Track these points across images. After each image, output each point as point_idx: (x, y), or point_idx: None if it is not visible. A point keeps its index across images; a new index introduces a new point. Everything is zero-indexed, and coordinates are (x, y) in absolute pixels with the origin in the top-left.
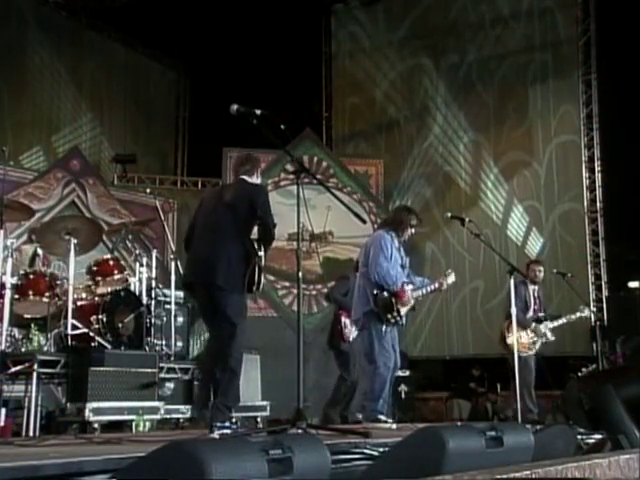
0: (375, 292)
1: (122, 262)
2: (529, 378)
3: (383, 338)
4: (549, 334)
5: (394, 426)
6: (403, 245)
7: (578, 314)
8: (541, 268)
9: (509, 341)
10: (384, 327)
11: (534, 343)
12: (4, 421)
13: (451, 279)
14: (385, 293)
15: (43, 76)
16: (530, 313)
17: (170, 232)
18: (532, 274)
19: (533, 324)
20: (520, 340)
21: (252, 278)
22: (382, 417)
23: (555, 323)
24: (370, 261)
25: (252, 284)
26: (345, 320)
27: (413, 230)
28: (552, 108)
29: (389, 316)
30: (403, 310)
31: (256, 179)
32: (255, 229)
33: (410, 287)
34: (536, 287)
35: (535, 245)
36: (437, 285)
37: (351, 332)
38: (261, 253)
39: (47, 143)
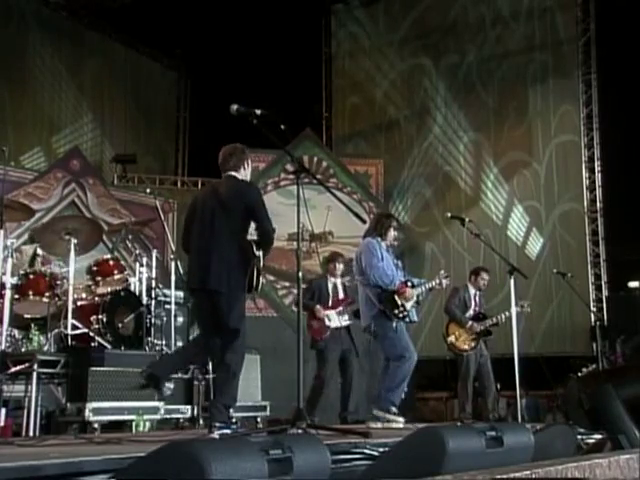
0: (379, 292)
1: (122, 262)
2: (468, 377)
3: (399, 334)
4: (486, 332)
5: (399, 419)
6: (391, 248)
7: (517, 309)
8: (486, 277)
9: (449, 340)
10: (394, 324)
11: (473, 340)
12: (4, 421)
13: (446, 281)
14: (386, 292)
15: (44, 76)
16: (470, 312)
17: (170, 232)
18: (481, 282)
19: (470, 322)
20: (460, 339)
21: (251, 280)
22: (394, 409)
23: (493, 320)
24: (364, 267)
25: (251, 286)
26: (312, 322)
27: (395, 232)
28: (552, 108)
29: (396, 312)
30: (408, 305)
31: (244, 172)
32: (252, 229)
33: (409, 284)
34: (478, 292)
35: (535, 245)
36: (434, 283)
37: (322, 330)
38: (259, 253)
39: (48, 143)
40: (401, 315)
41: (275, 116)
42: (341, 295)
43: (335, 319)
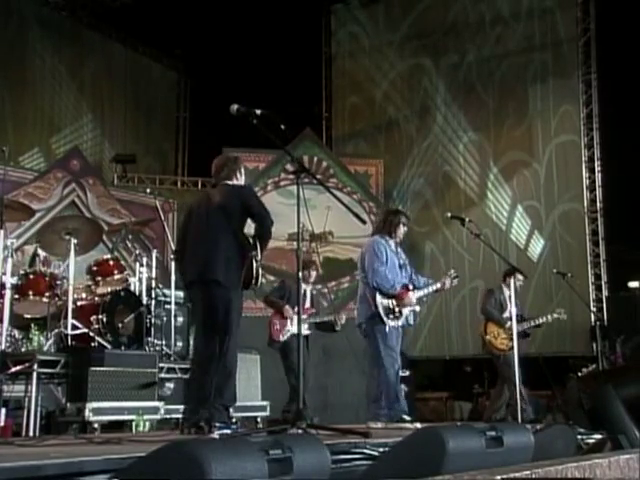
0: (375, 295)
1: (122, 262)
2: (513, 377)
3: (388, 339)
4: (524, 334)
5: (418, 425)
6: (400, 246)
7: (555, 315)
8: (521, 278)
9: (487, 339)
10: (387, 328)
11: (511, 341)
12: (4, 421)
13: (454, 282)
14: (385, 296)
15: (44, 76)
16: (507, 314)
17: (170, 232)
18: (517, 284)
19: (508, 323)
20: (498, 338)
21: (249, 274)
22: (406, 417)
23: (531, 323)
24: (367, 268)
25: (250, 280)
26: (275, 320)
27: (405, 228)
28: (552, 108)
29: (390, 317)
30: (405, 310)
31: (237, 181)
32: (249, 224)
33: (411, 288)
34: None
35: (535, 245)
36: (440, 285)
37: (281, 332)
38: (256, 248)
39: (47, 143)
40: (393, 319)
41: (275, 116)
42: (307, 304)
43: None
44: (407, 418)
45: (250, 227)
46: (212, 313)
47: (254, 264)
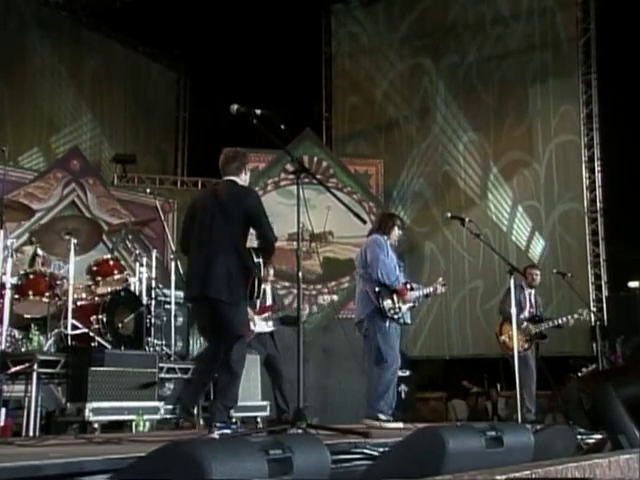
0: (377, 289)
1: (122, 262)
2: (528, 377)
3: (388, 336)
4: (540, 335)
5: (393, 425)
6: (395, 249)
7: (576, 316)
8: (538, 272)
9: (502, 339)
10: (387, 324)
11: (527, 342)
12: (4, 421)
13: (443, 288)
14: (387, 290)
15: (43, 76)
16: (525, 314)
17: (170, 232)
18: (529, 278)
19: (524, 324)
20: (513, 339)
21: (252, 288)
22: (382, 416)
23: (549, 324)
24: (370, 262)
25: (252, 293)
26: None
27: (400, 231)
28: (552, 108)
29: (392, 311)
30: (404, 307)
31: (244, 177)
32: (254, 236)
33: (409, 287)
34: (532, 291)
35: (536, 245)
36: (432, 289)
37: (254, 327)
38: (258, 261)
39: (47, 143)
40: (396, 316)
41: (275, 116)
42: (269, 302)
43: (260, 324)
44: (383, 417)
45: (252, 235)
46: (217, 325)
47: (256, 280)
